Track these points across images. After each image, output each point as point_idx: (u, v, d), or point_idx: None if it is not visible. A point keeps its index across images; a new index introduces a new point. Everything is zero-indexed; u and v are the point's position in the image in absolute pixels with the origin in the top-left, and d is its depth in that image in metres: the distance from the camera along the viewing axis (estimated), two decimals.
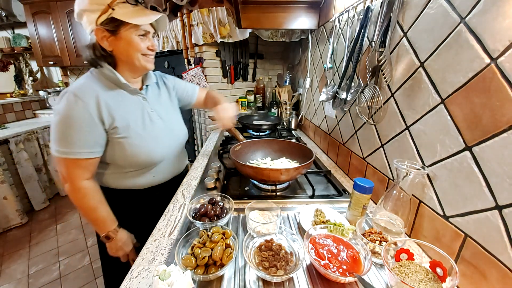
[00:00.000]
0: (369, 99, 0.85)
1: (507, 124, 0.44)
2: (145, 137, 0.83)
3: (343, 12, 1.03)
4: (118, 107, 0.77)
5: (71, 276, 1.72)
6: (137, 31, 0.74)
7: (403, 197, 0.66)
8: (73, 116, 0.70)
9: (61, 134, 0.71)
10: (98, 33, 0.72)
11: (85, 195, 0.77)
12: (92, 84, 0.76)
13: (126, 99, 0.81)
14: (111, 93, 0.77)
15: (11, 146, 2.22)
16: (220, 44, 1.79)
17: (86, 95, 0.72)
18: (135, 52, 0.76)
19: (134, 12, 0.72)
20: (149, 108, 0.87)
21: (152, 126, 0.86)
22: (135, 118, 0.81)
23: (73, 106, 0.70)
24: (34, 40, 3.07)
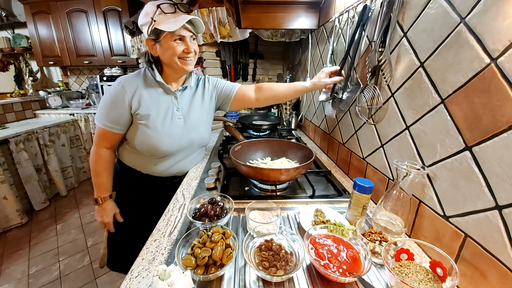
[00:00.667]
0: (369, 99, 0.85)
1: (507, 124, 0.44)
2: (159, 130, 0.92)
3: (343, 12, 1.03)
4: (148, 100, 0.90)
5: (71, 276, 1.72)
6: (173, 36, 0.83)
7: (403, 197, 0.66)
8: (111, 96, 0.88)
9: (100, 107, 0.89)
10: (148, 43, 0.87)
11: (97, 159, 0.94)
12: (136, 78, 0.91)
13: (158, 95, 0.93)
14: (148, 88, 0.92)
15: (11, 146, 2.21)
16: (220, 44, 1.79)
17: (127, 84, 0.88)
18: (173, 56, 0.86)
19: (167, 20, 0.81)
20: (176, 107, 0.97)
21: (171, 123, 0.95)
22: (158, 112, 0.92)
23: (114, 89, 0.88)
24: (34, 40, 3.07)
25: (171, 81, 0.96)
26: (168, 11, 0.81)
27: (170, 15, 0.81)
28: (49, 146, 2.60)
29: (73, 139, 3.02)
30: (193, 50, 0.89)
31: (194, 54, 0.90)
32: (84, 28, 3.01)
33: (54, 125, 2.72)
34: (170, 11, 0.81)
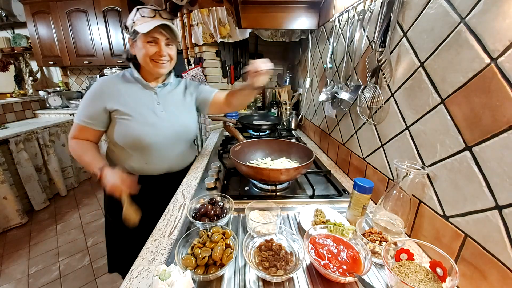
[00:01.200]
0: (369, 99, 0.85)
1: (507, 124, 0.44)
2: (141, 122, 0.93)
3: (343, 12, 1.03)
4: (126, 95, 0.93)
5: (71, 276, 1.72)
6: (146, 38, 0.87)
7: (403, 197, 0.66)
8: (89, 94, 0.92)
9: (81, 106, 0.93)
10: (128, 41, 0.94)
11: (74, 147, 0.93)
12: (115, 78, 0.96)
13: (136, 91, 0.96)
14: (126, 85, 0.95)
15: (11, 146, 2.21)
16: (220, 44, 1.79)
17: (105, 83, 0.93)
18: (144, 57, 0.90)
19: (144, 23, 0.86)
20: (157, 101, 0.99)
21: (153, 116, 0.96)
22: (137, 106, 0.94)
23: (93, 88, 0.92)
24: (34, 40, 3.07)
25: (150, 79, 0.99)
26: (147, 15, 0.86)
27: (148, 18, 0.86)
28: (49, 146, 2.60)
29: None
30: (167, 54, 0.92)
31: (168, 59, 0.94)
32: (84, 28, 3.01)
33: (54, 125, 2.72)
34: (149, 15, 0.87)
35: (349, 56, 1.02)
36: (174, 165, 1.08)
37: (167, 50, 0.91)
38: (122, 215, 0.87)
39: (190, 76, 1.85)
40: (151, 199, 1.03)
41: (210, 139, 1.76)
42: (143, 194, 0.99)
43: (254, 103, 2.17)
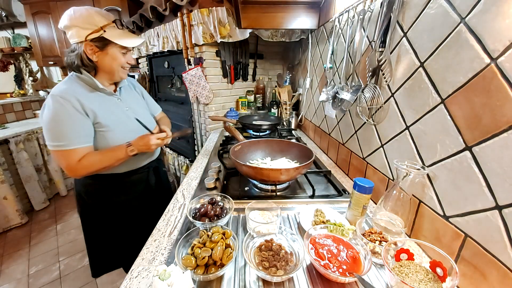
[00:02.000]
0: (369, 99, 0.85)
1: (507, 124, 0.44)
2: (122, 131, 0.96)
3: (343, 12, 1.03)
4: (98, 107, 0.90)
5: (71, 276, 1.72)
6: (122, 49, 0.92)
7: (403, 197, 0.66)
8: (64, 114, 0.82)
9: (56, 132, 0.82)
10: (87, 47, 0.86)
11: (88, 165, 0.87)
12: (73, 88, 0.88)
13: (104, 100, 0.94)
14: (90, 95, 0.90)
15: (11, 146, 2.21)
16: (220, 44, 1.79)
17: (70, 96, 0.84)
18: (117, 66, 0.93)
19: (121, 35, 0.89)
20: (125, 107, 1.01)
21: (128, 121, 0.99)
22: (113, 115, 0.94)
23: (61, 107, 0.81)
24: (34, 40, 3.06)
25: (106, 85, 0.97)
26: (121, 27, 0.92)
27: (121, 31, 0.91)
28: None
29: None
30: (133, 62, 1.02)
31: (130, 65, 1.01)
32: None
33: None
34: (121, 27, 0.92)
35: (349, 56, 1.02)
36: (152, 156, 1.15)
37: (132, 59, 1.00)
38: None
39: (190, 76, 1.85)
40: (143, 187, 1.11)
41: (210, 139, 1.76)
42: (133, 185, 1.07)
43: (254, 103, 2.18)
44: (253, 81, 2.19)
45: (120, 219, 1.07)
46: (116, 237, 1.09)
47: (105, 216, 1.05)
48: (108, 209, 1.04)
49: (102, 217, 1.05)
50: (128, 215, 1.08)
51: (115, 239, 1.09)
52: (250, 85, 2.19)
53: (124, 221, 1.07)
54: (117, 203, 1.05)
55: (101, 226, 1.06)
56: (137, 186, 1.09)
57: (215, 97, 1.94)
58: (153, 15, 1.84)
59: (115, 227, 1.07)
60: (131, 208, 1.08)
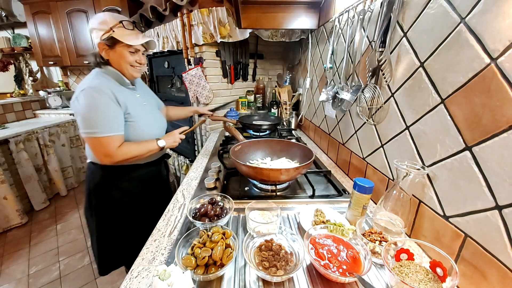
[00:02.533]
0: (369, 99, 0.85)
1: (507, 124, 0.44)
2: (146, 122, 1.05)
3: (343, 12, 1.03)
4: (126, 99, 0.98)
5: (71, 276, 1.71)
6: (129, 48, 0.96)
7: (403, 197, 0.66)
8: (103, 103, 0.89)
9: (96, 119, 0.89)
10: (100, 46, 0.95)
11: (126, 152, 0.95)
12: (105, 81, 0.95)
13: (128, 94, 1.02)
14: (118, 88, 0.98)
15: (11, 146, 2.21)
16: (220, 44, 1.79)
17: (105, 88, 0.91)
18: (125, 63, 0.98)
19: (128, 34, 0.94)
20: (143, 102, 1.10)
21: (149, 115, 1.09)
22: (137, 108, 1.02)
23: (100, 96, 0.89)
24: (34, 40, 3.07)
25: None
26: (128, 28, 0.95)
27: (129, 31, 0.95)
28: (49, 146, 2.60)
29: (73, 139, 3.02)
30: (144, 62, 1.05)
31: (143, 65, 1.05)
32: (84, 28, 3.00)
33: (54, 125, 2.72)
34: (130, 28, 0.96)
35: (349, 56, 1.02)
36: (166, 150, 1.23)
37: (144, 58, 1.04)
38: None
39: (190, 76, 1.85)
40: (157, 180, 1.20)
41: (210, 139, 1.76)
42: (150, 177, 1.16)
43: (254, 103, 2.18)
44: (253, 81, 2.19)
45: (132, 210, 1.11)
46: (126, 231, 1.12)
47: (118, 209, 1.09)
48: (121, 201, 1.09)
49: (115, 210, 1.09)
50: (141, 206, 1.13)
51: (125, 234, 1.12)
52: (250, 85, 2.19)
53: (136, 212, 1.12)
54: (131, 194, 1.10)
55: (113, 220, 1.09)
56: (152, 176, 1.17)
57: (215, 97, 1.94)
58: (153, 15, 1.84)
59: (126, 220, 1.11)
60: (144, 198, 1.14)
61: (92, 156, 1.01)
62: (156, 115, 1.15)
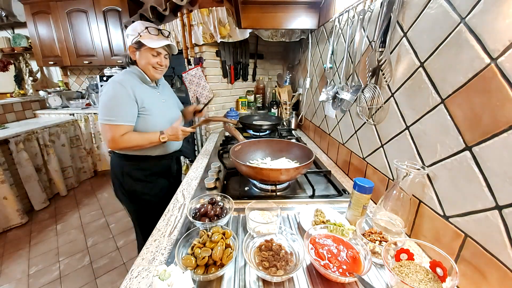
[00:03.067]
0: (369, 99, 0.85)
1: (507, 124, 0.44)
2: (161, 118, 1.16)
3: (343, 12, 1.03)
4: (144, 95, 1.10)
5: (71, 276, 1.71)
6: (152, 51, 1.08)
7: (403, 197, 0.66)
8: (120, 96, 1.02)
9: (111, 108, 1.01)
10: (130, 48, 1.10)
11: (128, 140, 1.04)
12: (130, 78, 1.09)
13: (148, 91, 1.15)
14: (140, 85, 1.11)
15: (11, 146, 2.21)
16: (220, 44, 1.79)
17: (127, 84, 1.04)
18: (148, 64, 1.10)
19: (151, 38, 1.07)
20: (162, 99, 1.21)
21: (166, 111, 1.20)
22: (154, 104, 1.14)
23: (119, 90, 1.02)
24: (34, 40, 3.06)
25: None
26: (153, 33, 1.08)
27: (154, 36, 1.08)
28: (49, 146, 2.60)
29: (73, 139, 3.02)
30: (165, 64, 1.15)
31: (165, 67, 1.17)
32: (84, 28, 3.00)
33: (54, 125, 2.72)
34: (154, 34, 1.08)
35: (349, 56, 1.02)
36: (178, 146, 1.32)
37: (165, 61, 1.14)
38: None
39: (190, 76, 1.85)
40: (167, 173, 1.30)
41: (210, 139, 1.76)
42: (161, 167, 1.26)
43: (254, 103, 2.18)
44: (253, 81, 2.19)
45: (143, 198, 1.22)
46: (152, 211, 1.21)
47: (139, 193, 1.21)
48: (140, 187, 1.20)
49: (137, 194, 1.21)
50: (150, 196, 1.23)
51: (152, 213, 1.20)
52: (250, 85, 2.19)
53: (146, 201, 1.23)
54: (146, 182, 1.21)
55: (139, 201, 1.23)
56: (163, 170, 1.27)
57: (215, 97, 1.94)
58: (153, 15, 1.84)
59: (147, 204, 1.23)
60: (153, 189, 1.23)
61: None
62: (173, 112, 1.26)
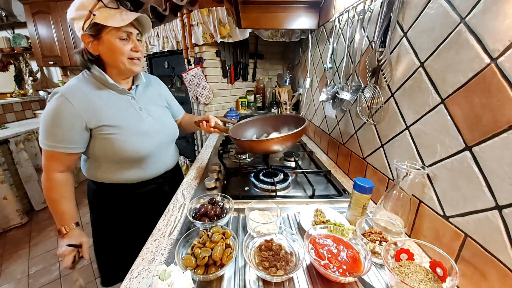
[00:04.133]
0: (369, 99, 0.85)
1: (507, 124, 0.44)
2: (133, 134, 0.85)
3: (343, 12, 1.03)
4: (106, 107, 0.81)
5: (71, 276, 1.71)
6: (118, 33, 0.75)
7: (403, 197, 0.66)
8: (59, 115, 0.74)
9: (46, 129, 0.75)
10: (84, 38, 0.76)
11: (51, 187, 0.81)
12: (81, 86, 0.79)
13: (115, 99, 0.84)
14: (100, 93, 0.81)
15: (11, 146, 2.21)
16: (220, 44, 1.79)
17: (74, 96, 0.76)
18: (119, 56, 0.78)
19: (112, 15, 0.74)
20: (138, 106, 0.90)
21: (141, 123, 0.88)
22: (123, 116, 0.84)
23: (60, 106, 0.74)
24: (34, 40, 3.06)
25: (120, 81, 0.86)
26: (111, 6, 0.74)
27: (113, 10, 0.74)
28: None
29: None
30: (141, 50, 0.82)
31: (141, 54, 0.83)
32: None
33: None
34: (113, 6, 0.74)
35: (349, 56, 1.02)
36: (169, 165, 1.04)
37: (140, 45, 0.82)
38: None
39: (190, 76, 1.85)
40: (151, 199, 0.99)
41: (210, 139, 1.76)
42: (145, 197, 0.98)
43: (254, 103, 2.18)
44: (253, 81, 2.19)
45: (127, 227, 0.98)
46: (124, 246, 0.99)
47: (113, 223, 0.98)
48: (115, 217, 0.97)
49: (110, 224, 0.98)
50: (136, 225, 0.98)
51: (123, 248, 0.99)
52: (250, 85, 2.19)
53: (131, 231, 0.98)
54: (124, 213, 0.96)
55: (109, 234, 0.99)
56: (148, 197, 0.98)
57: (215, 97, 1.94)
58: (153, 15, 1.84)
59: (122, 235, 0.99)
60: (139, 218, 0.98)
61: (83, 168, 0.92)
62: (156, 123, 0.93)
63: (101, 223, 0.99)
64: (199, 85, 1.85)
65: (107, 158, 0.85)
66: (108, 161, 0.86)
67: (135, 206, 0.97)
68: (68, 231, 0.83)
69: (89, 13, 0.72)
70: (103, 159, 0.86)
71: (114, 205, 0.95)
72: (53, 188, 0.81)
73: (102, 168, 0.88)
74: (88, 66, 0.81)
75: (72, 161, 0.83)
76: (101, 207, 0.96)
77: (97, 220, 0.99)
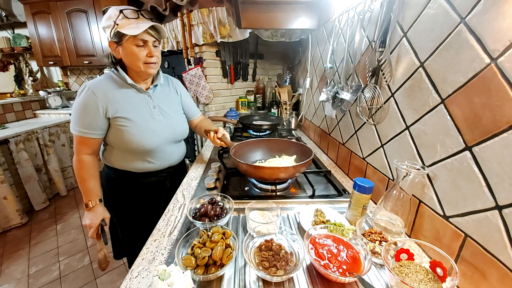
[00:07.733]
0: (369, 99, 0.85)
1: (507, 124, 0.44)
2: (142, 129, 0.95)
3: (343, 12, 1.03)
4: (124, 101, 0.93)
5: (71, 276, 1.71)
6: (135, 40, 0.86)
7: (403, 197, 0.66)
8: (85, 104, 0.88)
9: (76, 116, 0.89)
10: (110, 45, 0.91)
11: (81, 166, 0.94)
12: (106, 81, 0.93)
13: (132, 96, 0.96)
14: (120, 90, 0.94)
15: (11, 146, 2.21)
16: (220, 44, 1.79)
17: (98, 90, 0.89)
18: (136, 61, 0.89)
19: (130, 25, 0.85)
20: (152, 105, 1.00)
21: (151, 120, 0.98)
22: (136, 112, 0.95)
23: (86, 97, 0.88)
24: (34, 40, 3.07)
25: (139, 82, 0.98)
26: (131, 17, 0.86)
27: (133, 20, 0.86)
28: (49, 146, 2.60)
29: (73, 139, 3.03)
30: (156, 55, 0.93)
31: (157, 59, 0.94)
32: (84, 28, 3.00)
33: (54, 125, 2.72)
34: (133, 17, 0.86)
35: (349, 56, 1.02)
36: (174, 161, 1.13)
37: (155, 51, 0.92)
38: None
39: (190, 76, 1.85)
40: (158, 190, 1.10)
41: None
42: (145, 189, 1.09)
43: (254, 103, 2.18)
44: (253, 81, 2.19)
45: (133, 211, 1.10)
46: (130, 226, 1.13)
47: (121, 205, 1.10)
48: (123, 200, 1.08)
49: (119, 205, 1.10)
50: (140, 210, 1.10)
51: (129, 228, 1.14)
52: (250, 85, 2.19)
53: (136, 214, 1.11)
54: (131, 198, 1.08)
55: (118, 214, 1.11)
56: (150, 189, 1.09)
57: (215, 97, 1.94)
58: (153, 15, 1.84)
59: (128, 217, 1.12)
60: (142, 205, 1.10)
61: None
62: (165, 121, 1.02)
63: (112, 203, 1.08)
64: (199, 85, 1.86)
65: (119, 147, 0.97)
66: (119, 149, 0.98)
67: (140, 193, 1.08)
68: (94, 206, 0.94)
69: (113, 23, 0.86)
70: (116, 147, 0.98)
71: (123, 189, 1.07)
72: (83, 167, 0.93)
73: (114, 154, 1.00)
74: (114, 67, 0.95)
75: (96, 145, 0.95)
76: (112, 189, 1.08)
77: (109, 201, 1.08)
